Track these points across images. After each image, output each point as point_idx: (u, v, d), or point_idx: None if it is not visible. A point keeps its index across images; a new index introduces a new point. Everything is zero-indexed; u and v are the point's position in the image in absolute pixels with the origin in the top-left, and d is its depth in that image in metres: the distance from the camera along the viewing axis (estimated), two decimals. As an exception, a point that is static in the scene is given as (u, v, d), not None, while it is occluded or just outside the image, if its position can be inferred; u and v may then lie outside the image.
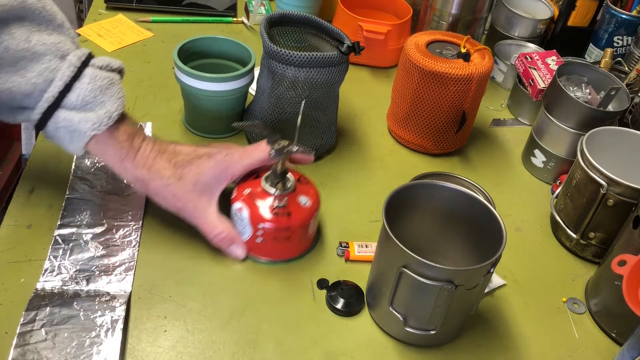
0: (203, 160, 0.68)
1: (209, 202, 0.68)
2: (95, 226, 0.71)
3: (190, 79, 0.81)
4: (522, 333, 0.69)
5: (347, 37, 0.80)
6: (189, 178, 0.67)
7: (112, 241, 0.70)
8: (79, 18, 2.00)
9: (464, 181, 0.84)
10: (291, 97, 0.79)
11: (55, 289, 0.64)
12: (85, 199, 0.74)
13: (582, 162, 0.75)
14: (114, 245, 0.70)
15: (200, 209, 0.68)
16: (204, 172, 0.67)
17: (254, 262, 0.72)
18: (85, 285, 0.65)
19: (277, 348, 0.63)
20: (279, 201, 0.68)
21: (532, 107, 1.02)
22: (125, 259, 0.69)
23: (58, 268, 0.66)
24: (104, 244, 0.69)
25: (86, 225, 0.71)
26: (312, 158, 0.72)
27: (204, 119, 0.87)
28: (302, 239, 0.72)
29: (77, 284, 0.65)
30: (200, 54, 0.88)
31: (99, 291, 0.64)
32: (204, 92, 0.82)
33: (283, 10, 0.84)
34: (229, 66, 0.90)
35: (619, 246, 0.69)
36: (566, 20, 1.13)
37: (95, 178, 0.77)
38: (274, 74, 0.78)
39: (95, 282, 0.65)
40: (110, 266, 0.67)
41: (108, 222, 0.72)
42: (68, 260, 0.67)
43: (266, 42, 0.77)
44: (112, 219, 0.72)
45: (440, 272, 0.57)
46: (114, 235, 0.71)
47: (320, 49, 0.84)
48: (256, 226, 0.68)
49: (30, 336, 0.58)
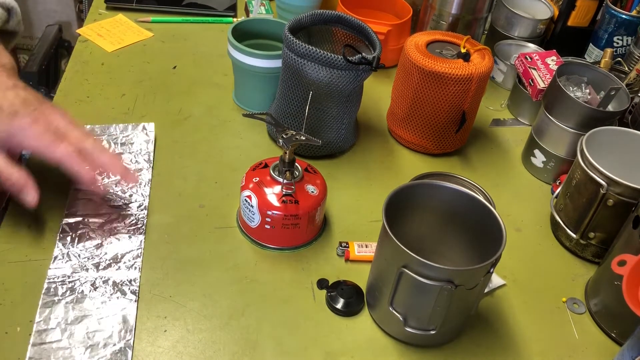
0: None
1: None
2: (102, 216, 0.73)
3: (242, 55, 0.88)
4: (522, 333, 0.69)
5: (379, 47, 0.80)
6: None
7: (119, 229, 0.72)
8: (79, 18, 2.00)
9: (464, 181, 0.84)
10: (297, 86, 0.81)
11: (67, 278, 0.65)
12: (90, 191, 0.76)
13: (582, 162, 0.75)
14: (120, 233, 0.71)
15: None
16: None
17: (261, 250, 0.72)
18: (95, 272, 0.67)
19: (277, 348, 0.63)
20: (287, 189, 0.69)
21: (532, 107, 1.02)
22: (134, 247, 0.70)
23: (67, 255, 0.68)
24: (111, 232, 0.71)
25: (92, 214, 0.73)
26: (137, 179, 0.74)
27: (251, 93, 0.94)
28: (310, 227, 0.73)
29: (86, 271, 0.66)
30: (251, 34, 0.96)
31: (109, 280, 0.66)
32: (252, 68, 0.89)
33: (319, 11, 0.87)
34: (277, 46, 0.97)
35: (619, 246, 0.69)
36: (566, 20, 1.13)
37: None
38: (286, 64, 0.81)
39: (105, 270, 0.67)
40: (118, 255, 0.69)
41: (114, 211, 0.74)
42: (76, 247, 0.69)
43: (286, 35, 0.79)
44: (117, 208, 0.75)
45: (440, 272, 0.57)
46: (120, 223, 0.73)
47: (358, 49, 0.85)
48: (265, 213, 0.69)
49: (47, 335, 0.60)
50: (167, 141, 0.87)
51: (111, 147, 0.83)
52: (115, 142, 0.84)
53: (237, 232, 0.75)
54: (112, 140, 0.84)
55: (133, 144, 0.84)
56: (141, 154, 0.83)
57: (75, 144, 0.65)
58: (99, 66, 1.00)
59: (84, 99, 0.92)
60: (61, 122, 0.66)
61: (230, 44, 0.90)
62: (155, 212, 0.75)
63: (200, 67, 1.03)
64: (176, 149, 0.86)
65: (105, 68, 0.99)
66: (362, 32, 0.85)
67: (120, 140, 0.85)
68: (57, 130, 0.65)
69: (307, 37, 0.87)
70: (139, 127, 0.87)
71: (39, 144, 0.64)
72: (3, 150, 0.64)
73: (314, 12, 0.85)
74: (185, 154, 0.85)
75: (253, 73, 0.90)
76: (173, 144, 0.87)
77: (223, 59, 1.02)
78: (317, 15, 0.85)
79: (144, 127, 0.87)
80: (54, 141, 0.64)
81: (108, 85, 0.95)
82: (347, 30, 0.88)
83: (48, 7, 1.99)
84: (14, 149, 0.65)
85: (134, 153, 0.83)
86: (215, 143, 0.88)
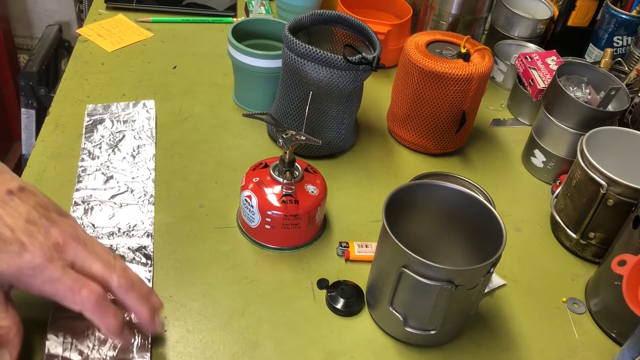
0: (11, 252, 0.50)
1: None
2: (111, 189, 0.76)
3: (242, 55, 0.88)
4: (522, 333, 0.69)
5: (379, 47, 0.80)
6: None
7: (129, 201, 0.75)
8: (79, 18, 2.00)
9: (464, 181, 0.84)
10: (297, 86, 0.82)
11: None
12: (96, 167, 0.79)
13: (582, 162, 0.75)
14: (130, 204, 0.74)
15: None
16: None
17: (261, 250, 0.72)
18: (107, 240, 0.69)
19: (277, 348, 0.63)
20: (287, 189, 0.69)
21: (532, 107, 1.02)
22: (144, 217, 0.73)
23: (83, 226, 0.70)
24: (122, 203, 0.74)
25: (102, 188, 0.76)
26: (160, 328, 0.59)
27: (251, 94, 0.94)
28: (310, 227, 0.73)
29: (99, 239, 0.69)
30: (251, 34, 0.96)
31: (120, 251, 0.68)
32: (252, 68, 0.89)
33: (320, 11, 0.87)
34: (277, 46, 0.97)
35: (619, 246, 0.69)
36: (566, 20, 1.13)
37: (100, 150, 0.82)
38: (286, 64, 0.81)
39: (115, 238, 0.70)
40: (130, 225, 0.72)
41: (122, 185, 0.77)
42: (89, 218, 0.72)
43: (286, 35, 0.79)
44: (125, 183, 0.77)
45: (440, 272, 0.57)
46: (130, 195, 0.76)
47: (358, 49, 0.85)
48: (265, 213, 0.69)
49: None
50: (167, 141, 0.87)
51: (114, 126, 0.86)
52: (118, 120, 0.87)
53: (237, 232, 0.75)
54: (115, 119, 0.87)
55: (135, 121, 0.87)
56: (144, 131, 0.86)
57: (98, 288, 0.52)
58: (99, 66, 1.00)
59: (84, 99, 0.92)
60: (79, 251, 0.53)
61: (230, 44, 0.90)
62: (156, 212, 0.75)
63: (200, 67, 1.03)
64: (176, 149, 0.86)
65: (105, 68, 0.99)
66: (362, 32, 0.85)
67: (123, 118, 0.87)
68: (75, 266, 0.52)
69: (307, 37, 0.87)
70: (140, 105, 0.90)
71: (55, 290, 0.50)
72: (2, 289, 0.51)
73: (314, 12, 0.85)
74: (185, 154, 0.85)
75: (253, 73, 0.90)
76: (173, 144, 0.87)
77: (223, 59, 1.02)
78: (317, 15, 0.85)
79: (144, 104, 0.90)
80: (73, 287, 0.50)
81: (108, 85, 0.95)
82: (347, 30, 0.88)
83: (48, 7, 1.99)
84: (18, 289, 0.52)
85: (136, 130, 0.86)
86: (215, 143, 0.88)
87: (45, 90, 1.64)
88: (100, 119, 0.87)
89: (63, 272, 0.50)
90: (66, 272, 0.51)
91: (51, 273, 0.50)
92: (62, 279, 0.50)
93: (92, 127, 0.85)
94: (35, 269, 0.50)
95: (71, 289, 0.50)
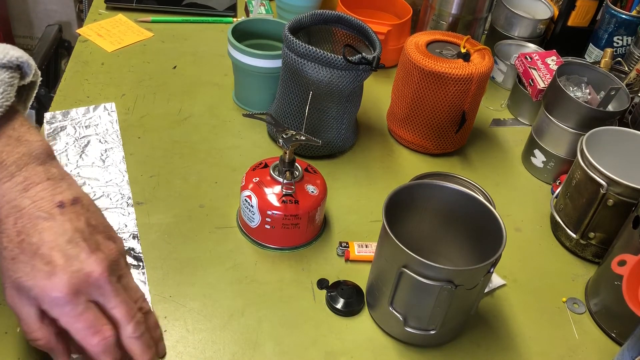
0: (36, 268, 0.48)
1: (29, 302, 0.49)
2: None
3: (242, 55, 0.88)
4: (522, 333, 0.69)
5: (379, 47, 0.80)
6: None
7: (107, 205, 0.74)
8: (79, 18, 2.00)
9: (464, 181, 0.84)
10: (297, 86, 0.81)
11: None
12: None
13: (582, 162, 0.75)
14: (109, 208, 0.74)
15: (19, 305, 0.49)
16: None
17: (261, 250, 0.72)
18: None
19: (277, 348, 0.63)
20: (287, 189, 0.69)
21: (532, 107, 1.02)
22: (127, 220, 0.73)
23: None
24: (100, 208, 0.70)
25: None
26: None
27: (251, 94, 0.94)
28: (310, 227, 0.73)
29: None
30: (251, 34, 0.96)
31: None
32: (252, 68, 0.89)
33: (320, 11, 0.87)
34: (277, 46, 0.97)
35: (619, 246, 0.69)
36: (566, 20, 1.13)
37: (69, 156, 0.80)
38: (286, 64, 0.81)
39: None
40: None
41: (97, 190, 0.76)
42: None
43: (286, 35, 0.79)
44: (99, 187, 0.76)
45: (440, 272, 0.57)
46: (107, 199, 0.75)
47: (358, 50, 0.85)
48: (265, 213, 0.69)
49: None
50: (167, 141, 0.87)
51: (76, 132, 0.83)
52: (80, 125, 0.85)
53: (237, 232, 0.75)
54: (76, 125, 0.84)
55: (98, 125, 0.85)
56: (109, 134, 0.84)
57: (111, 337, 0.50)
58: (99, 66, 1.00)
59: (84, 99, 0.92)
60: (107, 290, 0.50)
61: (230, 44, 0.90)
62: (155, 212, 0.75)
63: (200, 67, 1.03)
64: (176, 149, 0.86)
65: (105, 68, 0.99)
66: (362, 32, 0.85)
67: (85, 124, 0.85)
68: (98, 303, 0.50)
69: (307, 37, 0.87)
70: (100, 108, 0.88)
71: (68, 323, 0.49)
72: (35, 304, 0.49)
73: (314, 12, 0.85)
74: (185, 154, 0.85)
75: (253, 73, 0.90)
76: (173, 144, 0.87)
77: (223, 59, 1.02)
78: (317, 15, 0.85)
79: (105, 108, 0.88)
80: (88, 329, 0.49)
81: (108, 85, 0.95)
82: (347, 30, 0.88)
83: (48, 7, 1.99)
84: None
85: (101, 134, 0.84)
86: (215, 143, 0.88)
87: (45, 90, 1.64)
88: (61, 126, 0.84)
89: (84, 310, 0.49)
90: (86, 311, 0.49)
91: (72, 309, 0.48)
92: (80, 318, 0.48)
93: (54, 135, 0.83)
94: (57, 299, 0.48)
95: (85, 330, 0.49)
